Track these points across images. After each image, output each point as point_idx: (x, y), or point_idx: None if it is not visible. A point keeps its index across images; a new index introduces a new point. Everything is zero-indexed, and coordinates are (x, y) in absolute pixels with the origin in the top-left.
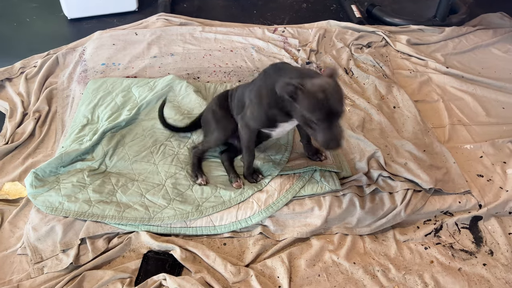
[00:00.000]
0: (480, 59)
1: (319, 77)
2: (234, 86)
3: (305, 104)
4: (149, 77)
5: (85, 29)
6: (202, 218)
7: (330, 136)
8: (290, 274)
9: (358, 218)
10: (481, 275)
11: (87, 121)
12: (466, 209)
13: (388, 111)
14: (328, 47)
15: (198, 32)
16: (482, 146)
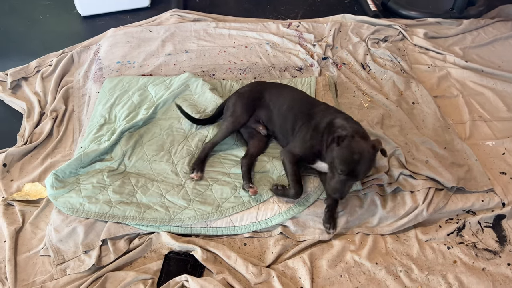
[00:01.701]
0: (499, 52)
1: (365, 142)
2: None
3: (340, 153)
4: (165, 75)
5: (99, 27)
6: (222, 219)
7: (338, 188)
8: (312, 274)
9: (379, 218)
10: (505, 275)
11: (105, 121)
12: (489, 207)
13: (407, 107)
14: (344, 42)
15: (212, 28)
16: (504, 143)
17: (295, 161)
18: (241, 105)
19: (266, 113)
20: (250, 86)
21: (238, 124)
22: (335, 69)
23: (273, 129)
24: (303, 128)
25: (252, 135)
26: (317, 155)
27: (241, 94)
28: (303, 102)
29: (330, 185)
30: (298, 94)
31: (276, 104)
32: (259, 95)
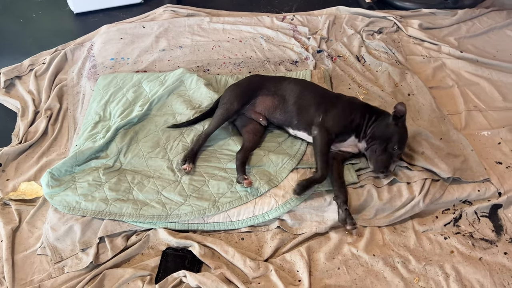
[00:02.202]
0: (494, 42)
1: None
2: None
3: (401, 131)
4: (159, 71)
5: (92, 23)
6: (219, 214)
7: (389, 163)
8: (309, 268)
9: (376, 210)
10: (502, 264)
11: (99, 118)
12: (485, 197)
13: (403, 99)
14: (339, 34)
15: (206, 23)
16: (500, 132)
17: (330, 139)
18: (235, 94)
19: (271, 102)
20: (248, 78)
21: (232, 111)
22: (330, 62)
23: (278, 117)
24: (336, 105)
25: (248, 129)
26: (354, 131)
27: (237, 85)
28: (318, 86)
29: (378, 161)
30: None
31: (287, 89)
32: (258, 85)
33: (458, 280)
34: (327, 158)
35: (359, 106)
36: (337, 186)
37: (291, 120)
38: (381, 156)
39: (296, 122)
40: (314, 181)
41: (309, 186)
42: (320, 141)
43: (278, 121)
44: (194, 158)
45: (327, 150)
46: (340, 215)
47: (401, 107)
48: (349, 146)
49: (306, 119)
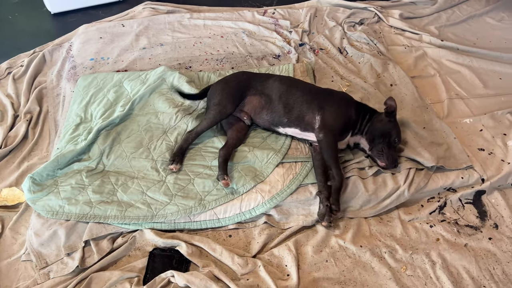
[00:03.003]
0: (474, 30)
1: None
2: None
3: (396, 125)
4: (140, 70)
5: (70, 24)
6: (206, 212)
7: (396, 157)
8: (298, 261)
9: (362, 201)
10: (487, 249)
11: (81, 120)
12: (469, 184)
13: (385, 90)
14: (321, 27)
15: (187, 19)
16: (482, 119)
17: (336, 140)
18: (227, 94)
19: (258, 102)
20: (236, 76)
21: (225, 114)
22: (312, 55)
23: (265, 117)
24: (331, 102)
25: (232, 126)
26: (351, 128)
27: (227, 83)
28: (304, 83)
29: (389, 158)
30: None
31: (273, 88)
32: (247, 85)
33: (445, 267)
34: (338, 161)
35: (352, 103)
36: (322, 182)
37: (280, 119)
38: (388, 152)
39: (287, 120)
40: (339, 189)
41: (339, 195)
42: (328, 145)
43: (265, 122)
44: (182, 157)
45: (337, 153)
46: (320, 209)
47: (391, 102)
48: (343, 143)
49: (298, 115)
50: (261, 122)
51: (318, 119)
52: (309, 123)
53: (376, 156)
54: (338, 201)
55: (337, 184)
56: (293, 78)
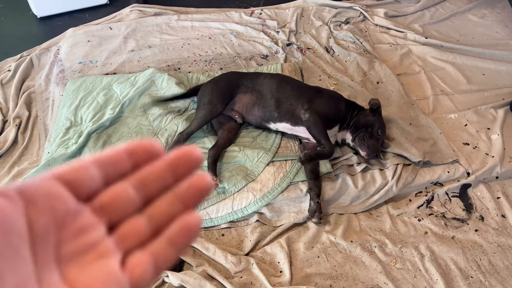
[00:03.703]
0: (457, 27)
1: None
2: (219, 73)
3: (380, 119)
4: (129, 72)
5: (57, 27)
6: (198, 212)
7: (378, 147)
8: (290, 258)
9: (352, 197)
10: (474, 241)
11: (71, 124)
12: (455, 178)
13: (372, 87)
14: (307, 26)
15: (174, 21)
16: (466, 114)
17: (322, 120)
18: (217, 94)
19: (249, 99)
20: (225, 76)
21: (215, 113)
22: (300, 55)
23: (257, 113)
24: (320, 96)
25: (223, 126)
26: (339, 120)
27: (216, 83)
28: (294, 79)
29: (370, 147)
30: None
31: (264, 84)
32: (236, 83)
33: (433, 260)
34: (327, 135)
35: (342, 99)
36: (312, 179)
37: (271, 114)
38: (370, 141)
39: (277, 115)
40: (323, 155)
41: (316, 158)
42: (314, 121)
43: (256, 118)
44: None
45: (324, 128)
46: (311, 206)
47: (375, 101)
48: (331, 136)
49: (288, 109)
50: (253, 119)
51: (305, 107)
52: (299, 117)
53: (358, 145)
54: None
55: (326, 151)
56: (283, 75)
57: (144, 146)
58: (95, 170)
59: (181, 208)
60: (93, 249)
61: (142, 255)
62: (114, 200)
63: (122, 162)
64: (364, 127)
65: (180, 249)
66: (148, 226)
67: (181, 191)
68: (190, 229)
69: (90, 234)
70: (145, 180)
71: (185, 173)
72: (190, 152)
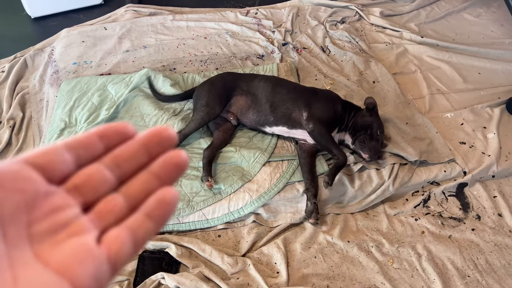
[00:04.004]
0: (453, 26)
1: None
2: (215, 74)
3: (378, 119)
4: (124, 73)
5: (51, 28)
6: (194, 213)
7: (379, 148)
8: (287, 259)
9: (348, 197)
10: (470, 240)
11: (65, 125)
12: (451, 177)
13: (368, 87)
14: (303, 26)
15: (169, 21)
16: (462, 113)
17: (326, 129)
18: (214, 95)
19: (244, 101)
20: (221, 77)
21: (212, 115)
22: (295, 54)
23: (251, 117)
24: (316, 98)
25: (219, 126)
26: (337, 123)
27: (212, 84)
28: (289, 81)
29: (372, 149)
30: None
31: (258, 87)
32: (233, 85)
33: (430, 259)
34: (335, 143)
35: (338, 100)
36: (309, 179)
37: (267, 118)
38: (371, 143)
39: (273, 119)
40: (340, 166)
41: (336, 173)
42: (320, 131)
43: (251, 122)
44: None
45: (331, 136)
46: (308, 207)
47: (371, 100)
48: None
49: (284, 113)
50: (247, 122)
51: (305, 114)
52: (296, 120)
53: (359, 148)
54: (334, 175)
55: (340, 162)
56: (277, 77)
57: (116, 128)
58: (66, 154)
59: (157, 184)
60: (67, 228)
61: (119, 230)
62: (87, 181)
63: (94, 144)
64: (363, 129)
65: (158, 222)
66: (125, 203)
67: (156, 168)
68: (167, 201)
69: (63, 213)
70: (118, 160)
71: (159, 152)
72: (163, 131)
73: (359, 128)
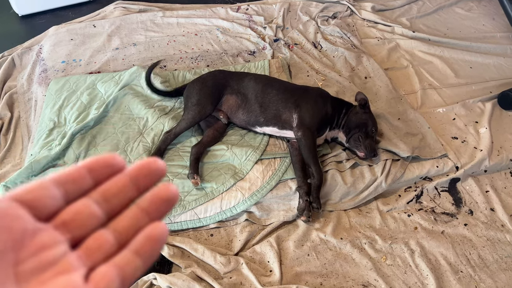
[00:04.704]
0: (444, 20)
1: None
2: (206, 71)
3: (371, 116)
4: (114, 71)
5: (39, 26)
6: (186, 213)
7: (374, 146)
8: (280, 257)
9: (341, 194)
10: (463, 235)
11: (54, 125)
12: (444, 172)
13: (360, 82)
14: (294, 22)
15: (159, 18)
16: (454, 108)
17: (314, 137)
18: (205, 94)
19: (234, 101)
20: (212, 74)
21: (204, 115)
22: (287, 50)
23: (241, 117)
24: (306, 99)
25: (210, 125)
26: (328, 123)
27: (205, 82)
28: (279, 80)
29: (368, 147)
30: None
31: (248, 87)
32: (224, 83)
33: (423, 255)
34: (317, 159)
35: (328, 98)
36: (301, 177)
37: (257, 119)
38: (366, 141)
39: (263, 120)
40: (319, 187)
41: (319, 194)
42: (306, 144)
43: (241, 121)
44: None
45: (315, 151)
46: (300, 204)
47: (361, 96)
48: (321, 139)
49: (274, 113)
50: (237, 121)
51: (296, 117)
52: (287, 122)
53: (354, 147)
54: (318, 198)
55: (317, 182)
56: (268, 77)
57: (105, 161)
58: (54, 189)
59: (146, 220)
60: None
61: (107, 267)
62: (76, 217)
63: (83, 178)
64: (357, 127)
65: (147, 259)
66: (113, 240)
67: (145, 203)
68: (156, 238)
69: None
70: (107, 195)
71: (148, 185)
72: (151, 163)
73: (353, 126)
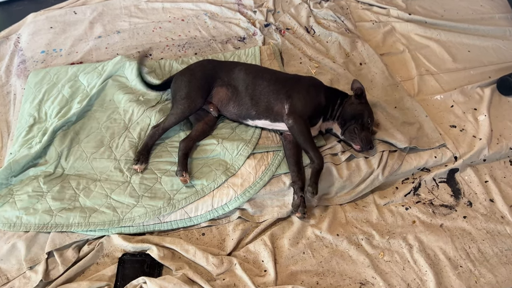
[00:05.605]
0: (441, 1)
1: None
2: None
3: (367, 106)
4: (97, 61)
5: (16, 13)
6: (176, 212)
7: (371, 138)
8: (274, 256)
9: (337, 187)
10: (462, 228)
11: (34, 120)
12: (442, 163)
13: (355, 69)
14: (286, 5)
15: (144, 3)
16: (452, 95)
17: (307, 124)
18: (195, 87)
19: (224, 94)
20: (201, 65)
21: (194, 109)
22: (279, 36)
23: (232, 110)
24: (298, 89)
25: (199, 118)
26: (322, 113)
27: (193, 73)
28: (270, 70)
29: (363, 139)
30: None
31: (238, 79)
32: (213, 75)
33: (422, 250)
34: (315, 144)
35: (321, 88)
36: (295, 171)
37: (248, 112)
38: (362, 133)
39: (255, 113)
40: (318, 171)
41: (317, 179)
42: (300, 129)
43: (232, 115)
44: (147, 156)
45: (311, 136)
46: (294, 200)
47: (358, 85)
48: (315, 130)
49: (266, 106)
50: (228, 115)
51: (287, 108)
52: (279, 114)
53: (350, 139)
54: (316, 184)
55: (317, 166)
56: (259, 67)
57: None
58: None
59: None
60: None
61: None
62: None
63: None
64: (353, 118)
65: None
66: None
67: None
68: None
69: None
70: None
71: None
72: None
73: (349, 117)
